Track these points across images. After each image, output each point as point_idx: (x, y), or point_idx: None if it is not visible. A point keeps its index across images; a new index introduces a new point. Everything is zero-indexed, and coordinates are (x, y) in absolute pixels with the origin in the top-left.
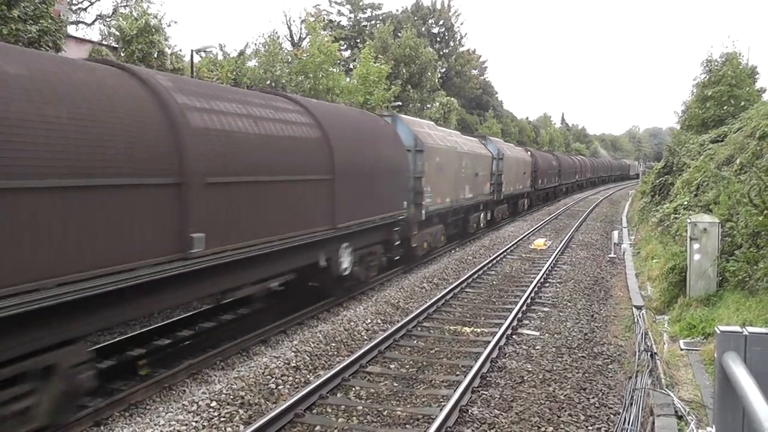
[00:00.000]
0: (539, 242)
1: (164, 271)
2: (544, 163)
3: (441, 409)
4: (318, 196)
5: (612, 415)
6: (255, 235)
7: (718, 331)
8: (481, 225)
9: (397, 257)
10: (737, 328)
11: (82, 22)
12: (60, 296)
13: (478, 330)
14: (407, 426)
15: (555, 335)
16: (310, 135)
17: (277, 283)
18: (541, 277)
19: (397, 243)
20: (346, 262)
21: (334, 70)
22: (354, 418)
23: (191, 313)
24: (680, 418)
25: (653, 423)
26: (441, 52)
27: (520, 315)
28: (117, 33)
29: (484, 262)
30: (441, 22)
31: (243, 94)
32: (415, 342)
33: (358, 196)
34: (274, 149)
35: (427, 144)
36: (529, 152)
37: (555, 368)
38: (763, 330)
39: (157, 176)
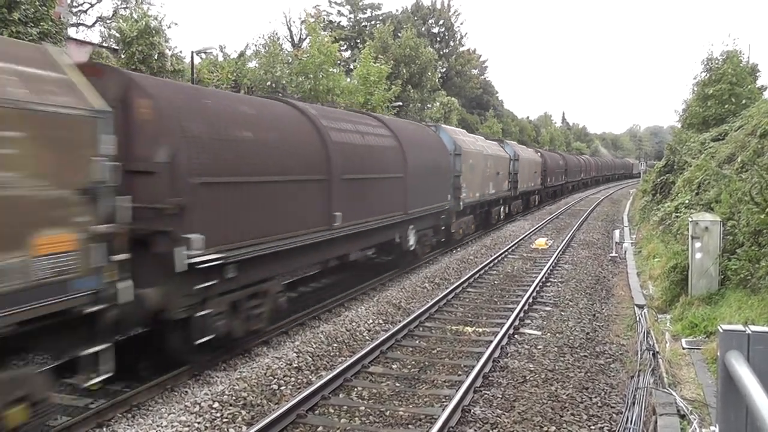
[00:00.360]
0: (540, 242)
1: (320, 236)
2: (553, 163)
3: (443, 409)
4: (396, 190)
5: (614, 415)
6: (366, 215)
7: (721, 330)
8: (501, 217)
9: (443, 239)
10: (740, 327)
11: (83, 24)
12: (265, 248)
13: (480, 330)
14: (410, 426)
15: (557, 335)
16: (391, 144)
17: (371, 252)
18: (542, 277)
19: (442, 228)
20: (411, 240)
21: (335, 70)
22: (356, 418)
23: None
24: (683, 417)
25: (656, 422)
26: (441, 52)
27: (521, 314)
28: (117, 35)
29: (486, 262)
30: (441, 22)
31: (349, 115)
32: (417, 342)
33: (420, 190)
34: (373, 155)
35: (463, 148)
36: (539, 153)
37: (557, 368)
38: (765, 329)
39: (314, 174)
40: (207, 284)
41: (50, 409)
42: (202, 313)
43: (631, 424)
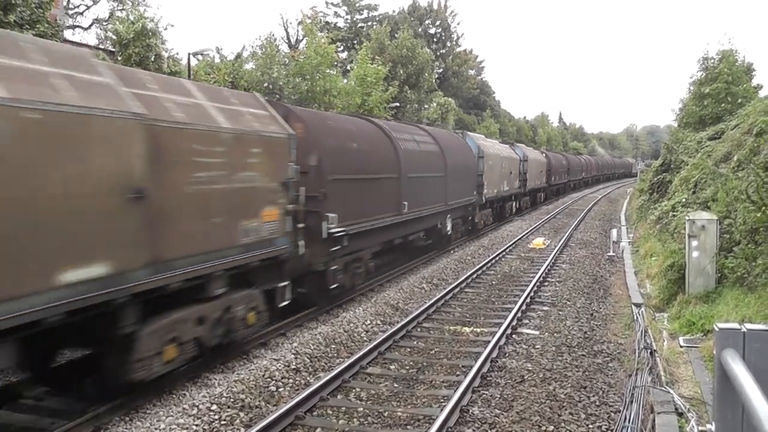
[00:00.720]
0: (538, 241)
1: (393, 219)
2: (557, 163)
3: (442, 410)
4: (438, 186)
5: (613, 413)
6: (421, 204)
7: (717, 329)
8: (513, 211)
9: (470, 227)
10: (736, 326)
11: (79, 27)
12: (365, 226)
13: (478, 330)
14: (408, 427)
15: (555, 334)
16: (434, 150)
17: (423, 234)
18: (540, 276)
19: (469, 218)
20: (449, 226)
21: (332, 71)
22: (355, 419)
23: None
24: (680, 415)
25: (654, 420)
26: (438, 53)
27: (519, 314)
28: (114, 37)
29: (484, 262)
30: (438, 23)
31: (406, 127)
32: (415, 343)
33: (455, 186)
34: (424, 159)
35: (485, 152)
36: (544, 154)
37: (555, 367)
38: (761, 327)
39: (390, 173)
40: (336, 248)
41: (263, 319)
42: (333, 267)
43: (629, 422)
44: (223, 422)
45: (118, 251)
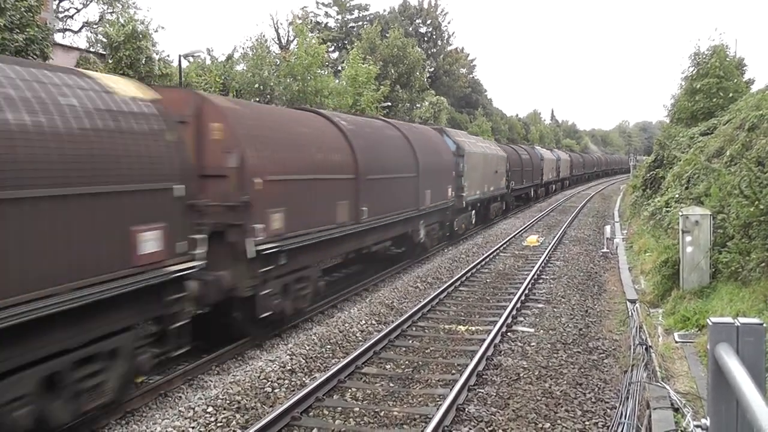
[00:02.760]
0: (532, 239)
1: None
2: (576, 161)
3: (438, 409)
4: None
5: (609, 410)
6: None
7: (710, 323)
8: (553, 189)
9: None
10: (729, 320)
11: (69, 30)
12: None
13: (473, 328)
14: (404, 426)
15: (550, 331)
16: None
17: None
18: (534, 274)
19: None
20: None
21: (323, 72)
22: (351, 419)
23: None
24: (677, 410)
25: (650, 416)
26: (429, 52)
27: (514, 312)
28: (104, 40)
29: (478, 260)
30: (428, 22)
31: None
32: (410, 342)
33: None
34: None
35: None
36: (568, 154)
37: (551, 364)
38: (755, 320)
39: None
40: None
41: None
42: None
43: (625, 418)
44: (219, 424)
45: None
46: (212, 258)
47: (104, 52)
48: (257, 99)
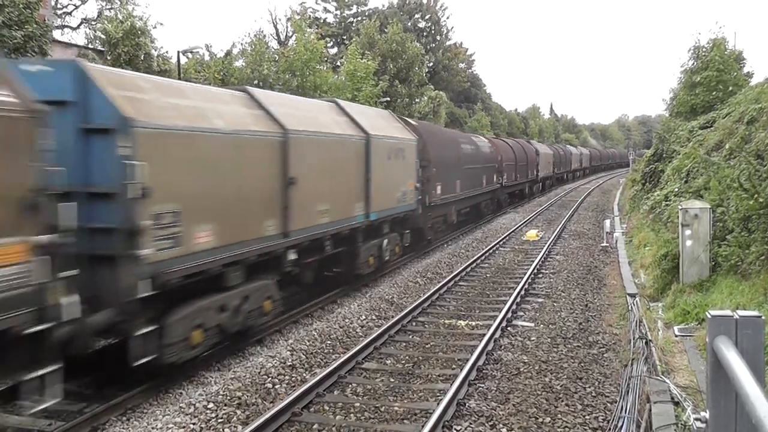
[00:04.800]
0: (531, 233)
1: None
2: (594, 154)
3: (438, 404)
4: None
5: (609, 404)
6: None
7: (709, 316)
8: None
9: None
10: (728, 313)
11: (68, 27)
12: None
13: (473, 323)
14: (405, 421)
15: (550, 326)
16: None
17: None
18: (534, 268)
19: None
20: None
21: (322, 67)
22: (351, 415)
23: None
24: (677, 404)
25: (650, 410)
26: (428, 47)
27: (514, 307)
28: (103, 36)
29: (477, 255)
30: (427, 17)
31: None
32: (410, 337)
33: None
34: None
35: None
36: (588, 150)
37: (551, 359)
38: (753, 313)
39: None
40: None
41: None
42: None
43: (625, 412)
44: (220, 420)
45: None
46: None
47: (103, 49)
48: None
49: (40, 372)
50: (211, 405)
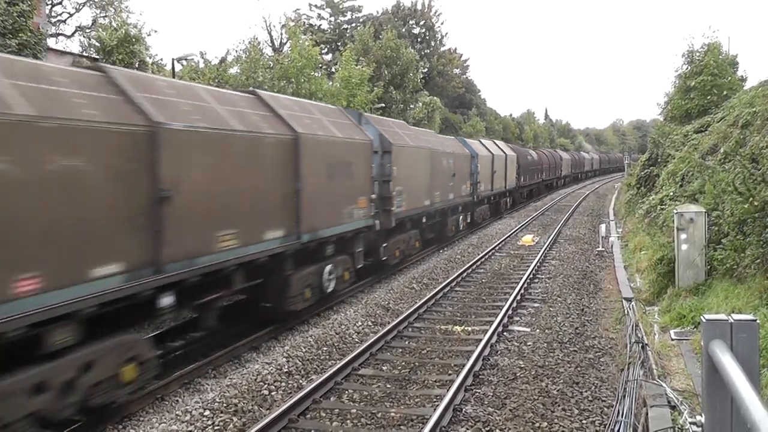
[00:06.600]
0: (527, 238)
1: None
2: (603, 158)
3: (435, 409)
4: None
5: (606, 408)
6: None
7: (704, 320)
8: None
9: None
10: (723, 316)
11: (62, 35)
12: None
13: (469, 328)
14: (402, 427)
15: (546, 331)
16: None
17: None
18: (530, 273)
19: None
20: None
21: (316, 74)
22: (348, 421)
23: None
24: (673, 407)
25: (647, 414)
26: (422, 53)
27: (510, 312)
28: (97, 44)
29: (473, 260)
30: (422, 23)
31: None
32: (406, 343)
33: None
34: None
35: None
36: (596, 154)
37: (547, 363)
38: (748, 317)
39: None
40: None
41: None
42: None
43: (622, 417)
44: (216, 427)
45: None
46: None
47: (97, 57)
48: None
49: None
50: (207, 412)
